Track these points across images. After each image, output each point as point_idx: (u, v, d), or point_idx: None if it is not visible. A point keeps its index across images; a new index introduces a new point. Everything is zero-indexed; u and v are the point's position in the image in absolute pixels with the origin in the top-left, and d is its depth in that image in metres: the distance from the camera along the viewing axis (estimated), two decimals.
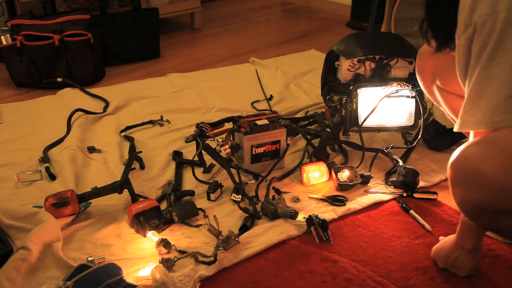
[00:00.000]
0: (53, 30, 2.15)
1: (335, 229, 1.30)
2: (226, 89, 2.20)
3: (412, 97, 1.55)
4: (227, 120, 1.56)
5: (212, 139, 1.44)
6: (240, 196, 1.38)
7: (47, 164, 1.54)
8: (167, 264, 1.13)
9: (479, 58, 0.82)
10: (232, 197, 1.40)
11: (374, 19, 2.55)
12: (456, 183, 0.88)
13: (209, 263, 1.14)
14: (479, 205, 0.83)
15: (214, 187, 1.41)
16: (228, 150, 1.40)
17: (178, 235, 1.26)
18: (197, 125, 1.48)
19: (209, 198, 1.41)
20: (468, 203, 0.86)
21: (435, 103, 1.27)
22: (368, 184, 1.48)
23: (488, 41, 0.79)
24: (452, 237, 1.15)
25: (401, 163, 1.50)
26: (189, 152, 1.65)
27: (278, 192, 1.44)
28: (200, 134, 1.45)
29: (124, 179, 1.36)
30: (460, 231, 1.10)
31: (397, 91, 1.53)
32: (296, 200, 1.40)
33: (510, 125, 0.81)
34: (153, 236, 1.23)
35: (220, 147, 1.41)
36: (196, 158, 1.51)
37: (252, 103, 2.03)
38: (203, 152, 1.49)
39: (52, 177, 1.50)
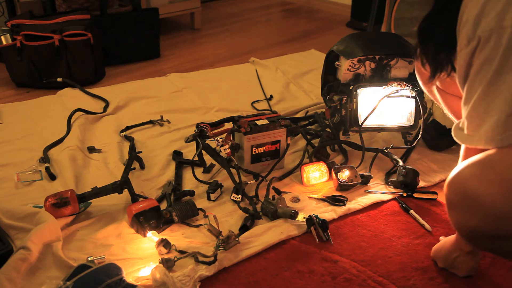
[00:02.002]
0: (53, 30, 2.15)
1: (335, 229, 1.30)
2: (226, 89, 2.20)
3: (412, 97, 1.55)
4: (227, 120, 1.56)
5: (212, 139, 1.44)
6: (240, 196, 1.38)
7: (47, 164, 1.54)
8: (167, 264, 1.13)
9: (480, 71, 0.81)
10: (232, 197, 1.40)
11: (374, 19, 2.55)
12: (453, 206, 0.87)
13: (209, 263, 1.14)
14: (476, 230, 0.83)
15: (214, 187, 1.41)
16: (228, 150, 1.40)
17: (178, 235, 1.26)
18: (197, 125, 1.48)
19: (209, 198, 1.41)
20: (464, 227, 0.86)
21: (435, 102, 1.27)
22: (368, 184, 1.48)
23: (493, 57, 0.79)
24: (452, 237, 1.15)
25: (401, 163, 1.50)
26: (189, 152, 1.65)
27: (278, 192, 1.44)
28: (200, 134, 1.45)
29: (124, 179, 1.36)
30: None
31: (397, 91, 1.53)
32: (296, 200, 1.40)
33: (508, 144, 0.80)
34: (153, 236, 1.23)
35: (220, 147, 1.41)
36: (196, 158, 1.51)
37: (252, 103, 2.03)
38: (203, 152, 1.49)
39: (52, 177, 1.50)
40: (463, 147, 0.98)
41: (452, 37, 0.86)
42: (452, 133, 0.93)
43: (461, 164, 0.86)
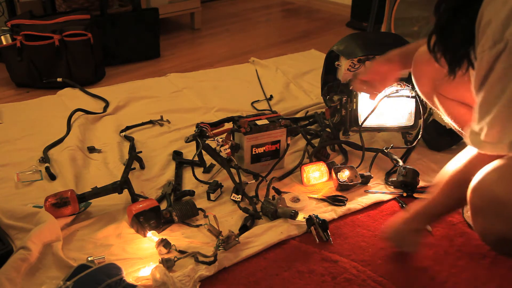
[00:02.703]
0: (53, 30, 2.15)
1: (335, 229, 1.30)
2: (226, 89, 2.20)
3: (412, 97, 1.55)
4: (227, 120, 1.56)
5: (212, 139, 1.44)
6: (240, 196, 1.38)
7: (47, 164, 1.54)
8: (167, 264, 1.13)
9: (504, 76, 0.79)
10: (232, 197, 1.40)
11: (374, 19, 2.55)
12: (479, 212, 0.85)
13: (209, 263, 1.14)
14: (503, 235, 0.81)
15: (214, 187, 1.41)
16: (228, 151, 1.40)
17: (178, 235, 1.27)
18: (197, 125, 1.48)
19: (209, 198, 1.41)
20: (491, 233, 0.84)
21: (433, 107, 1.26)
22: (368, 184, 1.48)
23: None
24: (401, 215, 1.16)
25: (401, 163, 1.50)
26: (189, 152, 1.65)
27: (278, 192, 1.44)
28: (200, 134, 1.45)
29: (124, 179, 1.36)
30: (420, 213, 1.11)
31: (397, 91, 1.53)
32: (296, 200, 1.40)
33: None
34: (153, 236, 1.23)
35: (220, 147, 1.41)
36: (196, 158, 1.51)
37: (252, 103, 2.03)
38: (203, 152, 1.49)
39: (52, 177, 1.50)
40: (468, 152, 0.95)
41: (473, 34, 0.82)
42: (468, 140, 0.90)
43: (485, 169, 0.84)
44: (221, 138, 1.43)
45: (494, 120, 0.83)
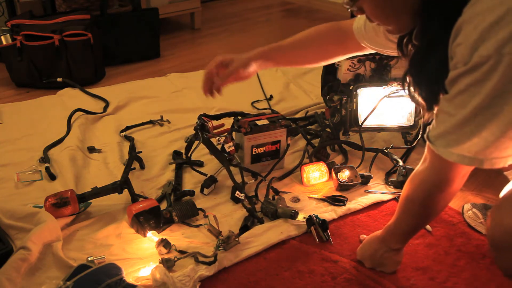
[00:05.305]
0: (53, 30, 2.15)
1: (335, 229, 1.30)
2: (226, 89, 2.18)
3: None
4: (229, 114, 1.56)
5: (213, 137, 1.44)
6: (243, 194, 1.37)
7: (47, 164, 1.54)
8: (167, 264, 1.13)
9: (465, 92, 0.79)
10: (236, 194, 1.39)
11: None
12: (506, 249, 0.81)
13: (209, 263, 1.14)
14: None
15: (209, 182, 1.42)
16: (232, 148, 1.41)
17: (178, 235, 1.26)
18: (199, 117, 1.48)
19: (201, 191, 1.42)
20: None
21: None
22: (368, 184, 1.48)
23: (486, 81, 0.75)
24: (377, 235, 1.15)
25: (401, 163, 1.50)
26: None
27: (276, 192, 1.44)
28: (202, 127, 1.45)
29: (124, 179, 1.36)
30: (390, 233, 1.11)
31: (397, 91, 1.53)
32: (296, 200, 1.40)
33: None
34: (153, 236, 1.23)
35: (224, 144, 1.42)
36: (194, 163, 1.51)
37: (252, 103, 2.03)
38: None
39: (52, 177, 1.50)
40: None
41: (445, 70, 0.82)
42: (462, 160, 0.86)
43: (502, 203, 0.82)
44: (222, 137, 1.43)
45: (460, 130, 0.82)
